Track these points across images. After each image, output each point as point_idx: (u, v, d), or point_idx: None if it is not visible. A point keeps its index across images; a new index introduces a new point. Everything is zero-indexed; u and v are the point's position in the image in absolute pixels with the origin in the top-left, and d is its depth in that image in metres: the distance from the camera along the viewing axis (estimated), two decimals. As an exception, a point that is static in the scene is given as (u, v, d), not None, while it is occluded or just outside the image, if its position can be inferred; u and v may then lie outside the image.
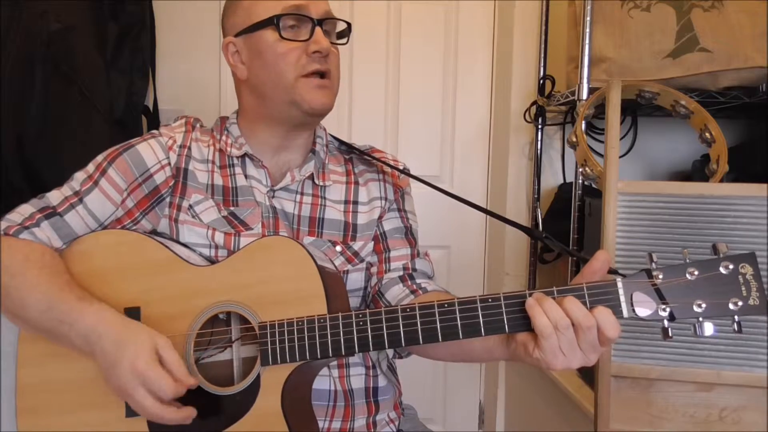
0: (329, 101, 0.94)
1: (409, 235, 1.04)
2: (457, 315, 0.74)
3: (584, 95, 1.42)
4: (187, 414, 0.78)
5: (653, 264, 0.72)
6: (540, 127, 1.82)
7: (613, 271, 0.76)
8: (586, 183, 1.41)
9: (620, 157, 1.15)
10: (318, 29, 0.91)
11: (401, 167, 1.05)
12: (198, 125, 1.02)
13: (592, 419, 1.10)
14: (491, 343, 0.81)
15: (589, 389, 1.32)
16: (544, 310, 0.70)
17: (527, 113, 1.81)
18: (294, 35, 0.91)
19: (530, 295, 0.73)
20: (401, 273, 0.99)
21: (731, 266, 0.70)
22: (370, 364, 0.99)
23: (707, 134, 1.17)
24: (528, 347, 0.73)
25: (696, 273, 0.70)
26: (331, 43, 0.94)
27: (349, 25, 0.99)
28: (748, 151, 1.46)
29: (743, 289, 0.70)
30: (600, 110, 1.30)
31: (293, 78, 0.91)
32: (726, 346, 1.02)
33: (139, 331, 0.80)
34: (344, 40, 0.99)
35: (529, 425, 1.81)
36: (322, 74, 0.93)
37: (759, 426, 1.02)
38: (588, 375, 1.37)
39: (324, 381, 0.93)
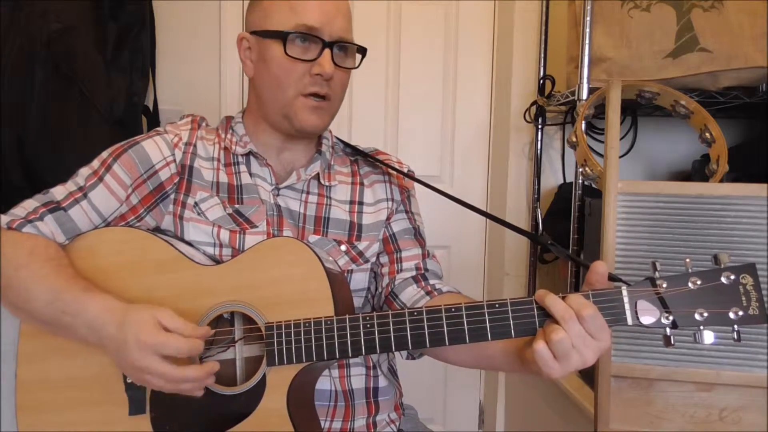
0: (322, 123, 0.95)
1: (418, 235, 1.04)
2: (464, 319, 0.75)
3: (584, 95, 1.42)
4: (210, 367, 0.77)
5: (657, 273, 0.73)
6: (540, 127, 1.82)
7: (617, 279, 0.76)
8: (586, 183, 1.41)
9: (620, 157, 1.15)
10: (326, 52, 0.91)
11: (406, 170, 1.06)
12: (204, 124, 1.02)
13: (592, 419, 1.10)
14: (512, 358, 0.81)
15: (589, 389, 1.32)
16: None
17: (527, 113, 1.82)
18: (302, 52, 0.91)
19: (536, 301, 0.73)
20: (414, 273, 0.99)
21: (732, 276, 0.71)
22: (371, 364, 0.99)
23: (707, 134, 1.17)
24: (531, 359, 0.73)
25: (698, 282, 0.71)
26: (340, 66, 0.93)
27: (364, 50, 0.98)
28: (748, 151, 1.46)
29: (743, 299, 0.71)
30: (600, 110, 1.30)
31: (292, 95, 0.92)
32: (726, 347, 1.02)
33: (139, 308, 0.79)
34: (357, 64, 0.98)
35: (529, 425, 1.81)
36: (323, 96, 0.93)
37: (759, 426, 1.02)
38: (588, 375, 1.37)
39: (324, 381, 0.93)
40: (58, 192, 0.92)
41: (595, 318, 0.70)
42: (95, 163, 0.95)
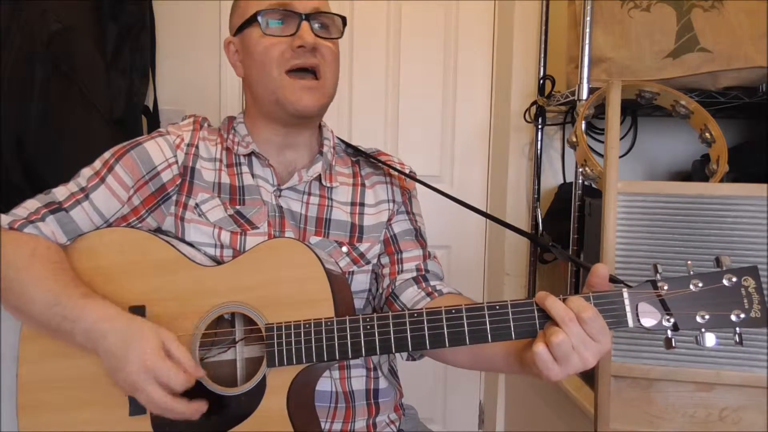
0: (316, 103, 0.93)
1: (419, 236, 1.04)
2: (465, 321, 0.75)
3: (584, 95, 1.42)
4: (198, 407, 0.78)
5: (658, 275, 0.73)
6: (540, 127, 1.82)
7: (618, 281, 0.76)
8: (586, 183, 1.41)
9: (620, 157, 1.15)
10: (305, 24, 0.90)
11: (407, 171, 1.06)
12: (206, 124, 1.02)
13: (592, 419, 1.10)
14: (512, 360, 0.81)
15: (589, 389, 1.32)
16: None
17: (527, 113, 1.81)
18: (280, 31, 0.91)
19: (537, 302, 0.73)
20: (414, 274, 0.99)
21: (734, 279, 0.71)
22: (371, 366, 0.99)
23: (707, 134, 1.17)
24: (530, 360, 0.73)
25: (700, 285, 0.71)
26: (324, 38, 0.93)
27: (343, 19, 0.97)
28: (748, 151, 1.46)
29: (745, 301, 0.71)
30: (600, 110, 1.30)
31: (277, 74, 0.91)
32: (726, 346, 1.02)
33: (144, 327, 0.79)
34: (338, 35, 0.97)
35: (529, 425, 1.81)
36: (314, 73, 0.92)
37: (759, 426, 1.02)
38: (588, 375, 1.37)
39: (325, 382, 0.93)
40: (60, 192, 0.91)
41: (596, 320, 0.69)
42: (97, 163, 0.95)
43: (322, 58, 0.92)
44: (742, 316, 0.70)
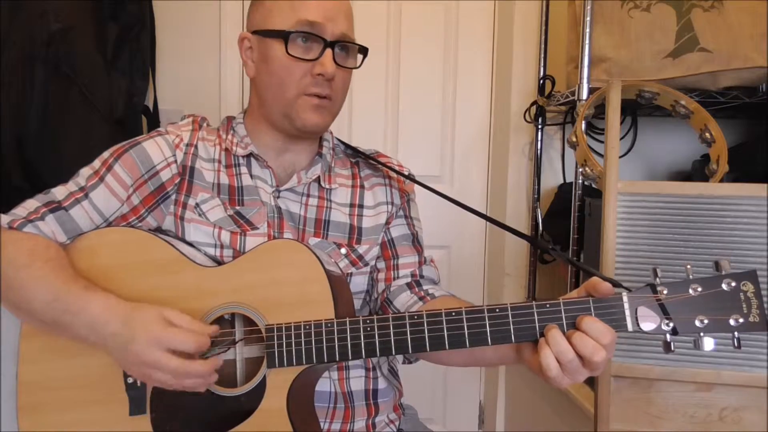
0: (324, 122, 0.94)
1: (416, 242, 1.04)
2: (465, 324, 0.75)
3: (584, 95, 1.42)
4: (214, 363, 0.78)
5: (657, 279, 0.73)
6: (540, 127, 1.82)
7: (618, 285, 0.76)
8: (586, 183, 1.41)
9: (620, 157, 1.15)
10: (328, 52, 0.90)
11: (406, 173, 1.06)
12: (205, 124, 1.02)
13: (592, 419, 1.10)
14: (501, 352, 0.82)
15: (589, 389, 1.32)
16: (549, 343, 0.71)
17: (527, 113, 1.82)
18: (303, 51, 0.91)
19: (536, 306, 0.73)
20: (409, 280, 0.99)
21: (733, 283, 0.71)
22: (370, 366, 0.99)
23: (707, 134, 1.17)
24: (534, 366, 0.74)
25: (699, 289, 0.71)
26: (341, 66, 0.93)
27: (365, 50, 0.97)
28: (748, 151, 1.46)
29: (744, 306, 0.71)
30: (600, 110, 1.30)
31: (294, 94, 0.91)
32: (726, 347, 1.02)
33: (145, 306, 0.80)
34: (357, 64, 0.97)
35: (529, 425, 1.81)
36: (323, 96, 0.92)
37: (759, 426, 1.02)
38: (588, 375, 1.37)
39: (324, 383, 0.93)
40: (59, 192, 0.91)
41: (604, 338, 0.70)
42: (96, 163, 0.95)
43: (336, 86, 0.93)
44: (741, 320, 0.70)
